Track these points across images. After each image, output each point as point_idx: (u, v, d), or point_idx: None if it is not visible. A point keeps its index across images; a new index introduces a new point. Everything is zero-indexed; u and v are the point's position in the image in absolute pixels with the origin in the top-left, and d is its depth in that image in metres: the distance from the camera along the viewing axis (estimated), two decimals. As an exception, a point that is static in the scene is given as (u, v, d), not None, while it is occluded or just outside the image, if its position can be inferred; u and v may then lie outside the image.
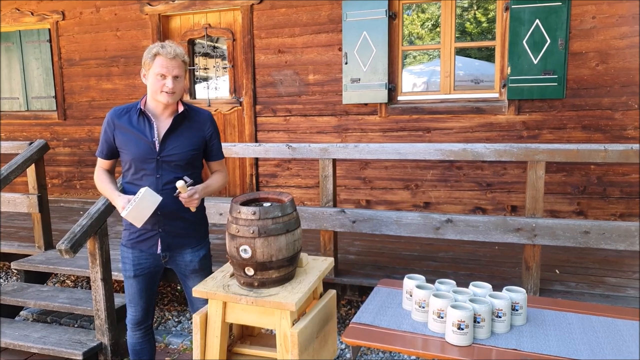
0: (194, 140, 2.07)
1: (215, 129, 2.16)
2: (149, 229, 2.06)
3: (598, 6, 3.70)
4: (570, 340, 1.65)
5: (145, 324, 2.23)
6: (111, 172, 2.17)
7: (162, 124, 2.05)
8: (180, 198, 1.98)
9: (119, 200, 1.97)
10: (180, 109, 2.05)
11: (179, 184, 1.94)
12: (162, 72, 1.94)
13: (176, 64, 1.96)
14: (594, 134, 3.84)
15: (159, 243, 2.09)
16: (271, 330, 2.98)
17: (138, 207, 1.90)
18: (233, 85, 4.92)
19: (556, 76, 3.79)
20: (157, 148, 2.01)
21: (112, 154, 2.10)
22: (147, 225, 2.02)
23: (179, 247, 2.12)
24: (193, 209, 2.05)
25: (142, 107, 2.03)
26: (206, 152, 2.16)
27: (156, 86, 1.97)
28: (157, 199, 1.94)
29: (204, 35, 4.93)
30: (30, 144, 3.57)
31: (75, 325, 3.38)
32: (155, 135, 2.02)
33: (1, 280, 4.34)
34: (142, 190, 1.92)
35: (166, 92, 1.97)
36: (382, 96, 4.26)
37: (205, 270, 2.20)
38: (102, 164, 2.14)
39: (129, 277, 2.14)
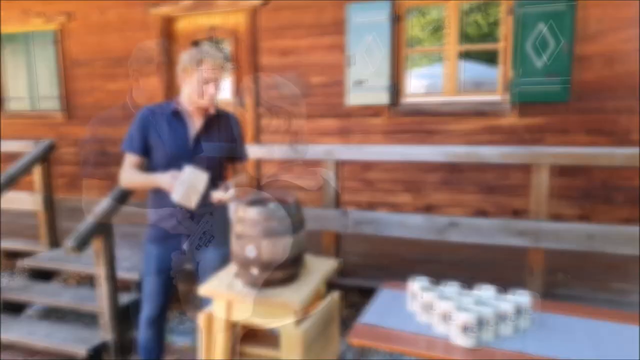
0: (225, 140, 2.13)
1: (240, 132, 2.21)
2: (175, 226, 2.08)
3: (604, 9, 3.68)
4: (576, 344, 1.65)
5: (159, 322, 2.25)
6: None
7: (195, 124, 2.09)
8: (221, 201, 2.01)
9: (163, 178, 1.93)
10: (212, 110, 2.10)
11: (230, 193, 1.97)
12: (209, 76, 1.98)
13: (219, 66, 2.01)
14: (598, 138, 3.82)
15: (184, 241, 2.12)
16: (273, 330, 2.99)
17: (187, 186, 1.86)
18: (236, 87, 4.94)
19: (560, 79, 3.79)
20: (191, 148, 2.05)
21: (146, 150, 2.07)
22: (172, 222, 2.05)
23: (203, 245, 2.15)
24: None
25: (176, 107, 2.07)
26: (233, 153, 2.20)
27: (201, 91, 2.00)
28: (203, 175, 1.91)
29: (209, 37, 4.95)
30: (37, 143, 3.60)
31: (80, 323, 3.39)
32: (189, 135, 2.05)
33: (7, 278, 4.35)
34: (186, 169, 1.90)
35: (211, 96, 2.01)
36: (385, 98, 4.27)
37: (223, 267, 2.21)
38: (132, 161, 2.07)
39: (151, 273, 2.16)
